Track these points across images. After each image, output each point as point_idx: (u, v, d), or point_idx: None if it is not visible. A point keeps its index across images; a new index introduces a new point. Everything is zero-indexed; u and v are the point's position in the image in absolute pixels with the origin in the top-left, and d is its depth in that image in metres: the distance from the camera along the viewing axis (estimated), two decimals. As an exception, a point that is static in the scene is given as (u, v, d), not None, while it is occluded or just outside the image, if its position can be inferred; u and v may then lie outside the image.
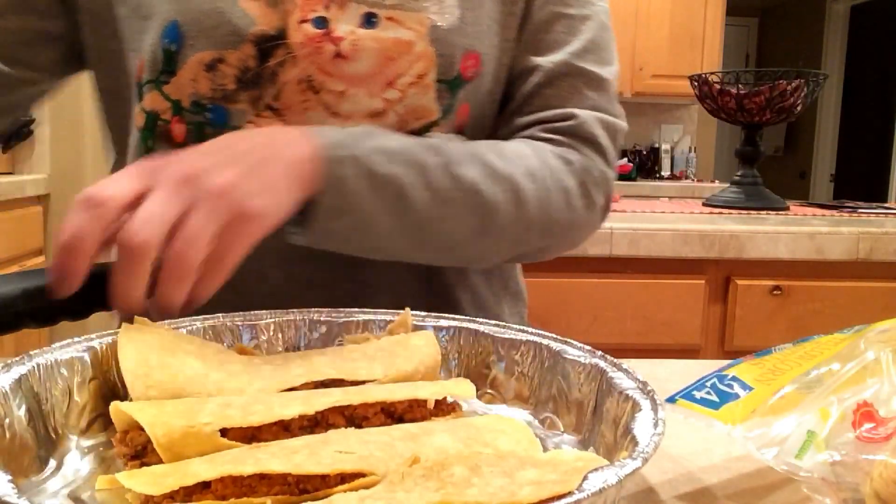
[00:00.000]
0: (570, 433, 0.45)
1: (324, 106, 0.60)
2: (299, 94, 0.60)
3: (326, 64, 0.59)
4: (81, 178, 2.56)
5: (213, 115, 0.60)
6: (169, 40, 0.59)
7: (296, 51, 0.59)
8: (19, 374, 0.40)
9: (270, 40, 0.59)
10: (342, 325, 0.54)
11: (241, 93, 0.60)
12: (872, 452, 0.36)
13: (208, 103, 0.60)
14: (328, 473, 0.34)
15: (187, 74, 0.60)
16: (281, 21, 0.59)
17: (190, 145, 0.52)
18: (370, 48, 0.59)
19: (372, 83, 0.61)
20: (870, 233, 1.50)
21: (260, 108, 0.60)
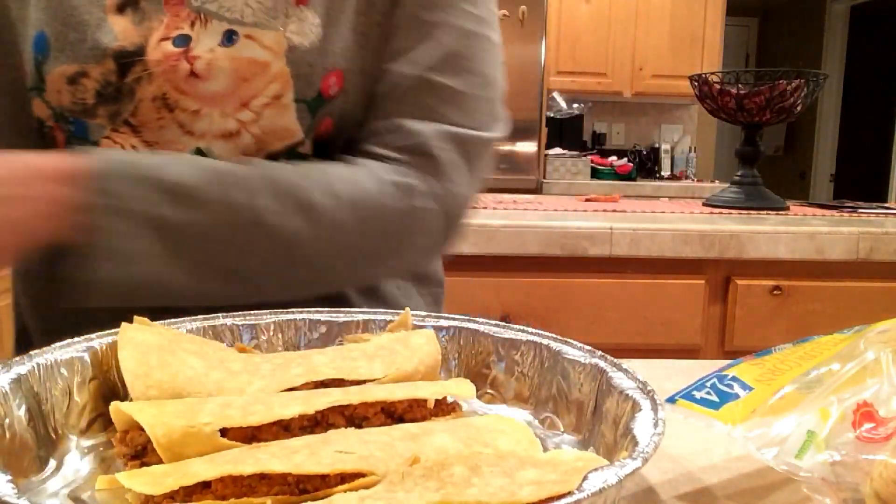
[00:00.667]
0: (570, 433, 0.45)
1: (178, 124, 0.60)
2: (154, 112, 0.60)
3: (181, 82, 0.59)
4: (81, 178, 2.56)
5: (74, 127, 0.61)
6: (37, 51, 0.60)
7: (152, 68, 0.59)
8: (19, 374, 0.40)
9: (129, 56, 0.59)
10: (342, 325, 0.54)
11: (100, 107, 0.60)
12: (872, 452, 0.36)
13: (70, 116, 0.61)
14: (328, 473, 0.34)
15: (53, 86, 0.60)
16: (142, 38, 0.59)
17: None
18: (224, 68, 0.59)
19: (226, 103, 0.60)
20: (870, 233, 1.50)
21: (117, 124, 0.60)
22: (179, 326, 0.49)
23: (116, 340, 0.43)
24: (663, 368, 0.62)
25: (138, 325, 0.45)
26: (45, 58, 0.60)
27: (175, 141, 0.60)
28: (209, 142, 0.60)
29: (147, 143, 0.60)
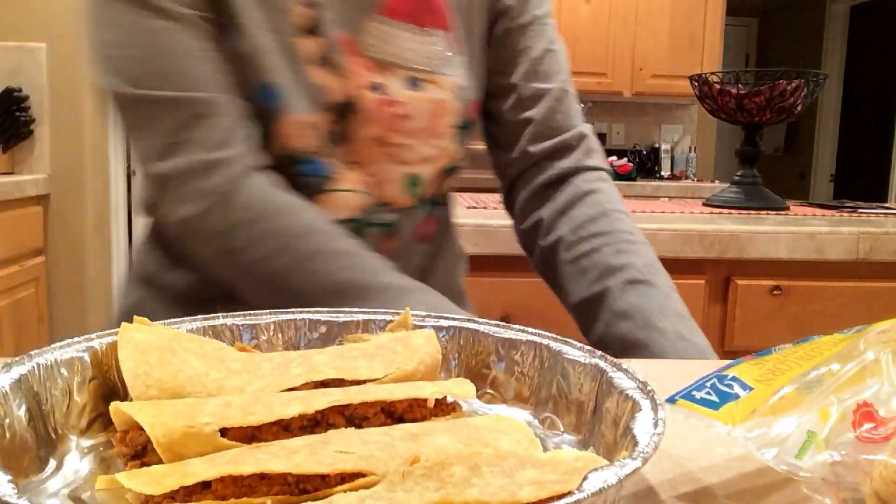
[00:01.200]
0: (570, 433, 0.45)
1: (390, 157, 0.72)
2: (372, 149, 0.71)
3: (392, 123, 0.71)
4: (81, 178, 2.56)
5: (305, 166, 0.70)
6: (269, 100, 0.68)
7: (365, 114, 0.70)
8: (19, 374, 0.40)
9: (345, 107, 0.69)
10: (342, 325, 0.54)
11: (329, 148, 0.70)
12: (872, 452, 0.36)
13: (300, 156, 0.69)
14: (328, 473, 0.34)
15: (294, 129, 0.69)
16: (348, 89, 0.69)
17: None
18: (422, 108, 0.72)
19: (426, 135, 0.73)
20: (870, 233, 1.50)
21: (343, 161, 0.71)
22: (179, 326, 0.49)
23: (116, 340, 0.43)
24: (663, 368, 0.62)
25: (138, 324, 0.45)
26: (278, 106, 0.67)
27: (389, 171, 0.73)
28: (417, 168, 0.74)
29: (368, 174, 0.72)
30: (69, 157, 2.52)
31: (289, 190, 0.66)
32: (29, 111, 2.45)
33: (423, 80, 0.72)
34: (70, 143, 2.51)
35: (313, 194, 0.69)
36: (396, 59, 0.71)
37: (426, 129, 0.73)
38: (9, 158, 2.46)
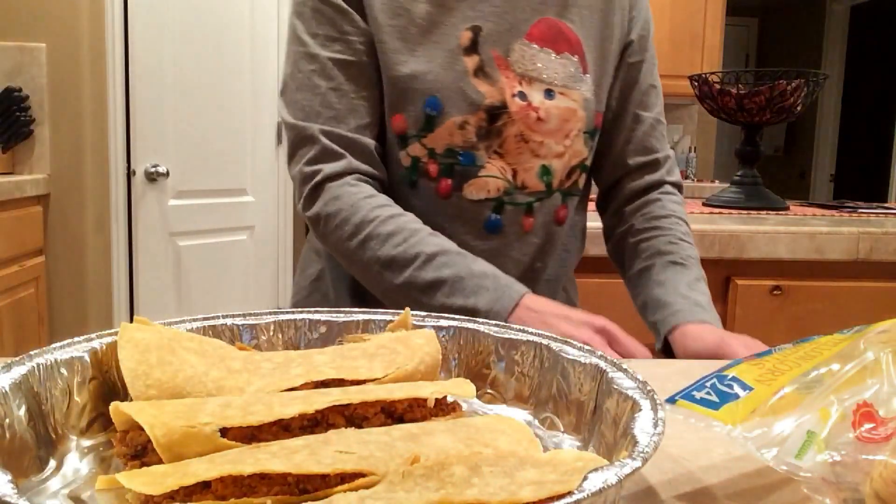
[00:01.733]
0: (570, 433, 0.45)
1: (530, 150, 0.91)
2: (515, 144, 0.90)
3: (532, 124, 0.90)
4: (81, 178, 2.56)
5: (463, 158, 0.89)
6: (431, 109, 0.87)
7: (513, 117, 0.89)
8: (19, 374, 0.40)
9: (497, 109, 0.88)
10: (342, 325, 0.54)
11: (480, 143, 0.89)
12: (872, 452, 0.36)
13: (460, 150, 0.89)
14: (328, 473, 0.34)
15: (445, 131, 0.88)
16: (501, 96, 0.89)
17: (441, 179, 0.89)
18: (555, 114, 0.91)
19: (557, 135, 0.92)
20: (870, 233, 1.50)
21: (490, 153, 0.89)
22: (179, 326, 0.49)
23: (116, 340, 0.43)
24: (663, 368, 0.62)
25: (138, 324, 0.45)
26: (439, 113, 0.87)
27: (527, 161, 0.91)
28: (549, 160, 0.92)
29: (510, 164, 0.90)
30: (69, 157, 2.52)
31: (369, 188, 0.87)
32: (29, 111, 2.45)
33: (557, 91, 0.91)
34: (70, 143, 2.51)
35: (468, 178, 0.89)
36: (537, 73, 0.90)
37: (558, 130, 0.91)
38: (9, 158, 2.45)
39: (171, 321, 0.49)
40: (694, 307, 0.87)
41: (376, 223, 0.83)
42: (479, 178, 0.89)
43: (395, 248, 0.82)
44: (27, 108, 2.46)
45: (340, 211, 0.85)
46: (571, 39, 0.93)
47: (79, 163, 2.55)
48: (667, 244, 0.97)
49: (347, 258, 0.86)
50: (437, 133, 0.88)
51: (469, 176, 0.89)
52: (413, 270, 0.80)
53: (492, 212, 0.91)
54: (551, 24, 0.93)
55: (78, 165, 2.55)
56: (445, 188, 0.89)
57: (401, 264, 0.81)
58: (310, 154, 0.87)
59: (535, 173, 0.91)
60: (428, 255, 0.81)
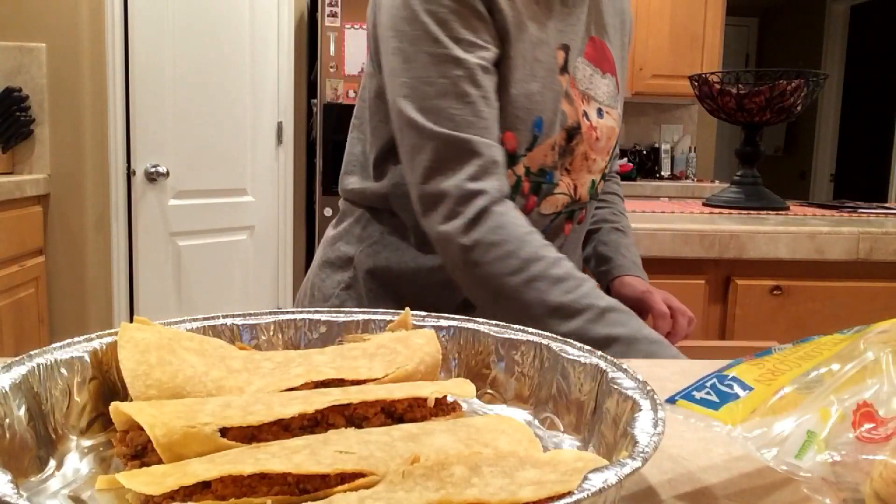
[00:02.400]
0: (570, 433, 0.45)
1: (587, 168, 0.96)
2: (581, 162, 0.94)
3: (593, 143, 0.95)
4: (81, 178, 2.56)
5: (548, 176, 0.92)
6: (537, 129, 0.89)
7: (584, 136, 0.93)
8: (19, 374, 0.40)
9: (574, 129, 0.92)
10: (342, 325, 0.54)
11: (558, 162, 0.92)
12: (872, 452, 0.36)
13: (548, 169, 0.92)
14: (328, 473, 0.34)
15: (542, 151, 0.90)
16: (576, 116, 0.92)
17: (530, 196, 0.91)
18: (605, 133, 0.96)
19: (604, 152, 0.98)
20: (870, 233, 1.50)
21: (562, 170, 0.93)
22: (179, 326, 0.49)
23: (116, 340, 0.43)
24: (663, 368, 0.62)
25: (138, 324, 0.45)
26: (542, 133, 0.89)
27: (583, 177, 0.96)
28: (596, 175, 0.98)
29: (573, 180, 0.95)
30: (69, 157, 2.52)
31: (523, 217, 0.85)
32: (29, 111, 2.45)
33: (605, 111, 0.97)
34: (70, 143, 2.51)
35: (547, 195, 0.93)
36: (593, 93, 0.94)
37: (605, 147, 0.98)
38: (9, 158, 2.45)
39: (171, 321, 0.49)
40: (631, 265, 1.10)
41: (545, 264, 0.79)
42: (553, 196, 0.93)
43: (566, 295, 0.78)
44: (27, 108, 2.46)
45: (506, 242, 0.80)
46: (610, 59, 0.97)
47: (79, 163, 2.55)
48: (611, 215, 1.17)
49: (503, 292, 0.80)
50: (535, 152, 0.90)
51: (548, 193, 0.93)
52: (584, 322, 0.77)
53: (551, 221, 0.95)
54: (598, 44, 0.95)
55: (78, 165, 2.55)
56: (531, 205, 0.92)
57: (570, 313, 0.78)
58: (472, 170, 0.81)
59: (587, 188, 0.97)
60: (601, 308, 0.78)
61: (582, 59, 0.93)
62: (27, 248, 2.36)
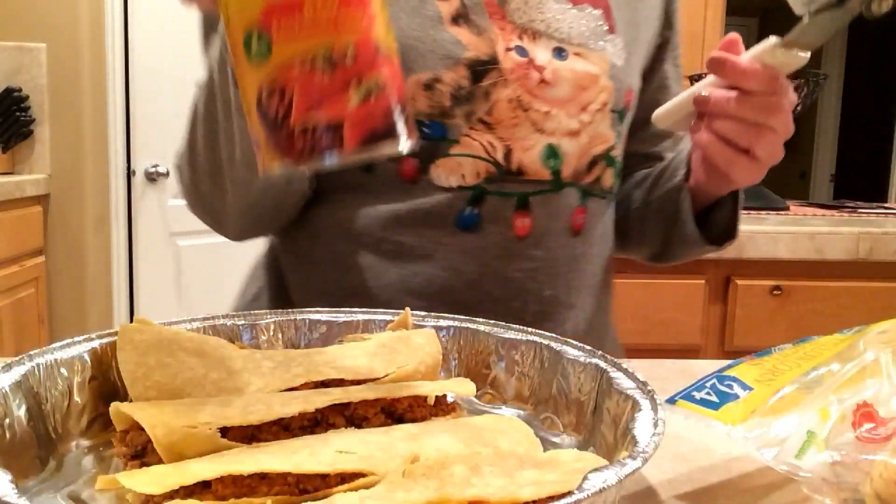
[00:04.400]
0: (570, 433, 0.45)
1: (531, 122, 0.69)
2: (510, 111, 0.68)
3: (533, 87, 0.68)
4: (81, 178, 2.56)
5: (430, 130, 0.67)
6: None
7: (507, 75, 0.68)
8: (19, 374, 0.40)
9: (483, 64, 0.67)
10: (342, 325, 0.54)
11: (456, 108, 0.67)
12: (872, 452, 0.36)
13: (426, 119, 0.67)
14: (328, 473, 0.34)
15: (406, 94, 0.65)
16: (490, 48, 0.68)
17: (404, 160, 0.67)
18: (567, 77, 0.70)
19: (570, 106, 0.70)
20: (870, 233, 1.50)
21: (473, 122, 0.68)
22: (179, 326, 0.49)
23: (116, 341, 0.43)
24: (663, 368, 0.62)
25: (137, 325, 0.45)
26: None
27: (526, 137, 0.69)
28: (558, 139, 0.70)
29: (501, 139, 0.68)
30: (69, 157, 2.52)
31: None
32: (29, 111, 2.45)
33: (571, 51, 0.71)
34: (70, 143, 2.51)
35: (434, 158, 0.67)
36: (545, 26, 0.71)
37: (570, 99, 0.70)
38: (9, 158, 2.45)
39: (171, 321, 0.49)
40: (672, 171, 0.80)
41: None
42: (449, 158, 0.67)
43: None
44: (27, 108, 2.46)
45: None
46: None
47: (79, 163, 2.55)
48: None
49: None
50: None
51: (437, 154, 0.67)
52: None
53: (466, 204, 0.68)
54: None
55: (78, 165, 2.55)
56: (410, 170, 0.68)
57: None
58: None
59: (537, 154, 0.69)
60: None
61: None
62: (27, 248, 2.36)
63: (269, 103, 0.37)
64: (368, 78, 0.37)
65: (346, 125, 0.37)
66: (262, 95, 0.37)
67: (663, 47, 0.84)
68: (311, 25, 0.36)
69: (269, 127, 0.37)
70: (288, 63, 0.36)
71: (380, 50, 0.38)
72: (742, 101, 0.60)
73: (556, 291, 0.72)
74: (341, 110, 0.37)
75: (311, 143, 0.37)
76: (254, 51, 0.37)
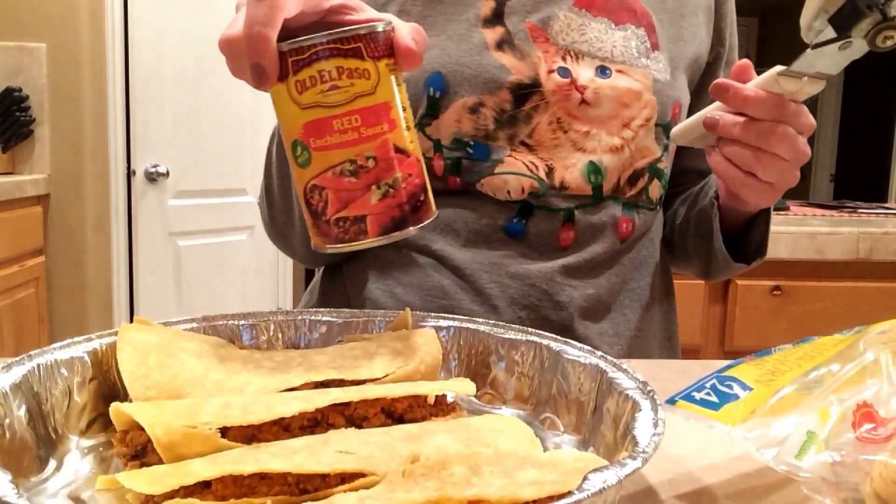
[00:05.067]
0: (570, 433, 0.45)
1: (571, 143, 0.72)
2: (550, 133, 0.71)
3: (573, 108, 0.71)
4: (81, 178, 2.56)
5: (474, 150, 0.71)
6: (434, 88, 0.71)
7: (548, 97, 0.70)
8: (19, 374, 0.40)
9: (526, 88, 0.70)
10: (342, 325, 0.54)
11: (499, 131, 0.71)
12: (872, 453, 0.36)
13: (470, 140, 0.71)
14: (328, 473, 0.34)
15: (452, 116, 0.71)
16: (532, 71, 0.70)
17: (447, 178, 0.71)
18: (609, 95, 0.71)
19: (611, 124, 0.72)
20: (870, 233, 1.50)
21: (515, 145, 0.71)
22: (179, 326, 0.49)
23: (116, 341, 0.43)
24: (663, 368, 0.62)
25: (137, 325, 0.45)
26: (444, 94, 0.71)
27: (568, 157, 0.72)
28: (599, 156, 0.72)
29: (543, 160, 0.71)
30: (69, 157, 2.52)
31: None
32: (29, 111, 2.45)
33: (614, 69, 0.72)
34: (70, 143, 2.51)
35: (482, 176, 0.71)
36: (587, 46, 0.72)
37: (613, 117, 0.72)
38: (9, 158, 2.45)
39: (171, 321, 0.49)
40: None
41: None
42: (494, 176, 0.71)
43: None
44: (27, 108, 2.46)
45: None
46: (636, 9, 0.76)
47: (79, 163, 2.55)
48: None
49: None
50: (442, 119, 0.71)
51: (482, 173, 0.71)
52: None
53: (514, 215, 0.72)
54: None
55: (78, 165, 2.55)
56: (454, 188, 0.72)
57: None
58: None
59: (579, 171, 0.72)
60: None
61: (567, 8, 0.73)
62: (27, 248, 2.36)
63: (312, 197, 0.46)
64: (386, 179, 0.46)
65: (368, 218, 0.46)
66: (307, 190, 0.46)
67: (716, 63, 0.84)
68: (340, 139, 0.44)
69: (312, 216, 0.47)
70: (323, 170, 0.45)
71: (399, 151, 0.46)
72: (747, 126, 0.61)
73: (599, 291, 0.74)
74: (364, 207, 0.46)
75: (343, 232, 0.46)
76: (298, 158, 0.46)
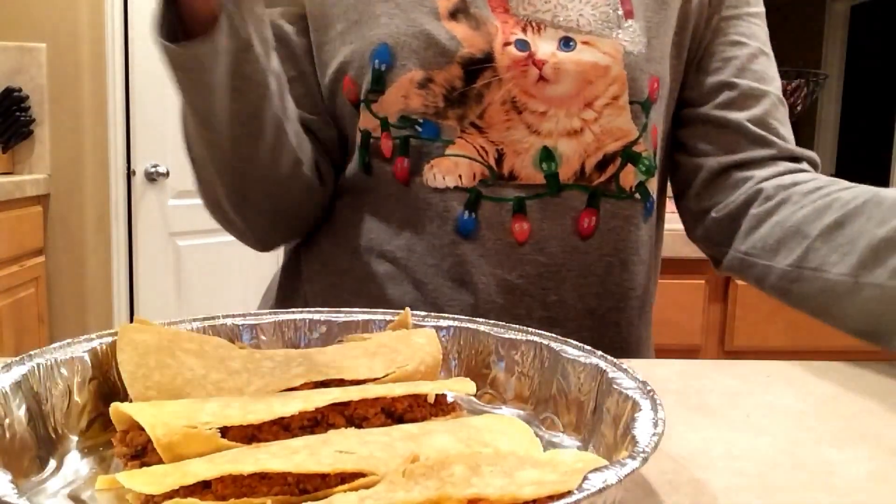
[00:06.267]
0: (570, 433, 0.45)
1: (525, 125, 0.64)
2: (503, 114, 0.64)
3: (530, 86, 0.64)
4: (81, 178, 2.56)
5: (423, 129, 0.65)
6: (380, 61, 0.64)
7: (502, 74, 0.63)
8: (19, 374, 0.40)
9: (478, 63, 0.63)
10: (342, 325, 0.54)
11: (449, 110, 0.64)
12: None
13: (419, 118, 0.65)
14: (328, 473, 0.34)
15: (398, 91, 0.64)
16: (486, 44, 0.64)
17: (396, 159, 0.65)
18: (570, 71, 0.64)
19: (571, 104, 0.65)
20: (870, 233, 1.49)
21: (465, 125, 0.65)
22: (179, 326, 0.49)
23: (116, 341, 0.43)
24: (663, 368, 0.62)
25: (137, 325, 0.45)
26: (390, 67, 0.64)
27: (521, 140, 0.65)
28: (555, 140, 0.65)
29: (493, 143, 0.65)
30: (69, 157, 2.52)
31: None
32: (29, 111, 2.45)
33: (579, 40, 0.65)
34: (70, 143, 2.51)
35: (428, 158, 0.65)
36: (550, 16, 0.65)
37: (574, 96, 0.65)
38: (9, 158, 2.45)
39: (171, 321, 0.49)
40: None
41: None
42: (445, 158, 0.65)
43: None
44: (27, 108, 2.46)
45: None
46: None
47: (79, 163, 2.55)
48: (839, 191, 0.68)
49: None
50: (388, 95, 0.65)
51: (431, 155, 0.65)
52: None
53: (464, 208, 0.65)
54: None
55: (78, 165, 2.55)
56: (402, 171, 0.66)
57: None
58: None
59: (530, 158, 0.65)
60: None
61: None
62: (27, 248, 2.36)
63: None
64: None
65: None
66: None
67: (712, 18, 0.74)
68: None
69: None
70: None
71: None
72: None
73: (563, 297, 0.68)
74: None
75: None
76: None
